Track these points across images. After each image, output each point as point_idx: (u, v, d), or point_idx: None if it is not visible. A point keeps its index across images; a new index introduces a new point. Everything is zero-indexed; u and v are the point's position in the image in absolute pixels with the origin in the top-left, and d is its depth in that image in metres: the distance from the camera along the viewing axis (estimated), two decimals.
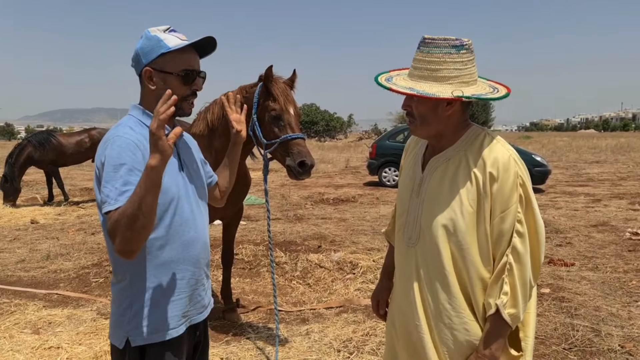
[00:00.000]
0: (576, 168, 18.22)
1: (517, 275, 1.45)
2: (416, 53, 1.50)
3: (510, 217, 1.46)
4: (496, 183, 1.45)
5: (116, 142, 1.52)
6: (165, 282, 1.64)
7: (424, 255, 1.58)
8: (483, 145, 1.51)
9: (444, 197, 1.53)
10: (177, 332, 1.66)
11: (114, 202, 1.43)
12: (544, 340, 3.64)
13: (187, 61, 1.64)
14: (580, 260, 5.73)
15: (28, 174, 11.28)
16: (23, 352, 3.32)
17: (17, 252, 6.37)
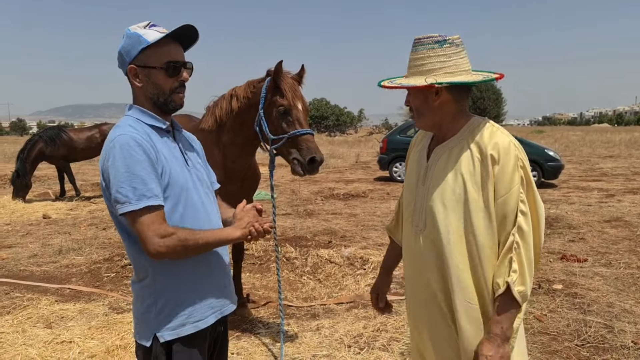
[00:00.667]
0: (589, 163, 17.97)
1: (523, 253, 1.51)
2: (410, 54, 1.64)
3: (514, 198, 1.52)
4: (497, 165, 1.52)
5: (122, 141, 1.52)
6: (187, 274, 1.64)
7: (432, 240, 1.63)
8: (483, 132, 1.58)
9: (448, 182, 1.59)
10: (205, 324, 1.66)
11: (136, 202, 1.48)
12: (556, 336, 3.60)
13: (168, 53, 1.62)
14: (594, 256, 5.65)
15: (40, 169, 11.41)
16: (35, 347, 3.35)
17: (29, 247, 6.45)
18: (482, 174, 1.54)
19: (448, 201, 1.58)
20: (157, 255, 1.52)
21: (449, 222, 1.58)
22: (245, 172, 3.61)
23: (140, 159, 1.51)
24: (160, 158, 1.58)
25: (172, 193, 1.60)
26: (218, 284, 1.73)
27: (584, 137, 36.51)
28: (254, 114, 3.15)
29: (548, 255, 5.75)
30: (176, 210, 1.61)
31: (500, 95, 65.25)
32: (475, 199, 1.54)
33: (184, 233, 1.54)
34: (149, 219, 1.50)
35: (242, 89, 3.31)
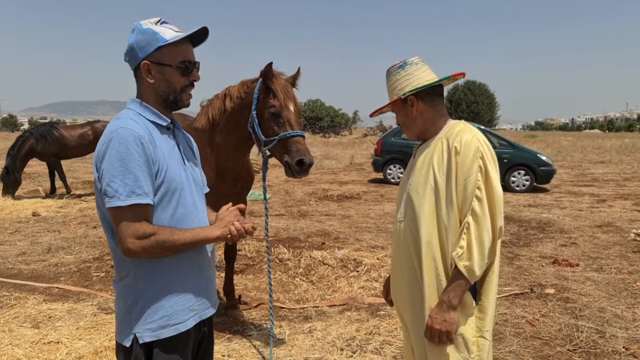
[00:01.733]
0: (581, 168, 18.12)
1: (473, 233, 1.71)
2: (386, 84, 1.98)
3: (471, 184, 1.73)
4: (459, 155, 1.75)
5: (121, 135, 1.50)
6: (170, 275, 1.62)
7: (410, 225, 1.87)
8: (454, 130, 1.85)
9: (422, 174, 1.85)
10: (185, 327, 1.64)
11: (124, 199, 1.47)
12: (548, 341, 3.60)
13: (184, 53, 1.64)
14: (585, 261, 5.68)
15: (30, 165, 11.28)
16: (22, 347, 3.29)
17: (18, 245, 6.36)
18: (448, 164, 1.77)
19: (422, 189, 1.83)
20: (130, 254, 1.52)
21: (422, 208, 1.81)
22: (239, 172, 3.58)
23: (136, 155, 1.49)
24: (158, 155, 1.57)
25: (166, 191, 1.59)
26: (200, 287, 1.71)
27: (576, 142, 36.82)
28: (247, 115, 3.12)
29: (540, 260, 5.77)
30: (167, 209, 1.60)
31: (493, 100, 65.69)
32: (442, 187, 1.78)
33: (162, 235, 1.53)
34: (132, 217, 1.49)
35: (235, 88, 3.28)
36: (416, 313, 1.87)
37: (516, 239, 6.85)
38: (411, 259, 1.87)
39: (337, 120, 55.10)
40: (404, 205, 1.92)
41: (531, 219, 8.22)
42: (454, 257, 1.73)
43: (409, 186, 1.90)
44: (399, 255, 1.96)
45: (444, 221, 1.78)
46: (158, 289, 1.60)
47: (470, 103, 63.36)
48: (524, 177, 11.73)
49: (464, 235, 1.73)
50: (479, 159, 1.75)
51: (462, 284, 1.74)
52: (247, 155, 3.59)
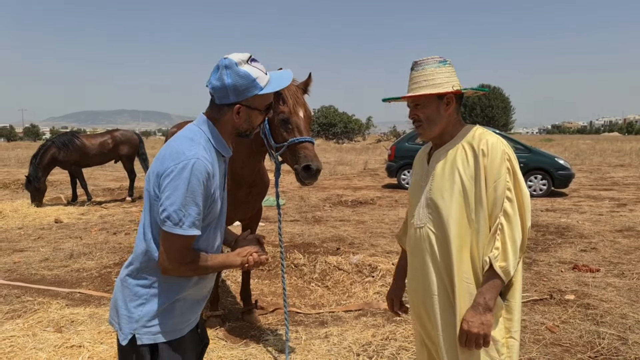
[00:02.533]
0: (600, 172, 17.79)
1: (507, 233, 1.73)
2: (411, 74, 1.91)
3: (501, 186, 1.75)
4: (486, 158, 1.77)
5: (197, 167, 1.56)
6: (182, 288, 1.70)
7: (435, 230, 1.85)
8: (475, 134, 1.86)
9: (447, 178, 1.83)
10: (182, 333, 1.73)
11: (186, 229, 1.57)
12: (569, 348, 3.55)
13: (270, 97, 1.75)
14: (606, 266, 5.58)
15: (52, 174, 11.53)
16: (46, 350, 3.37)
17: (41, 251, 6.50)
18: (475, 167, 1.78)
19: (448, 194, 1.82)
20: (167, 273, 1.64)
21: (450, 212, 1.80)
22: (254, 178, 3.62)
23: (202, 190, 1.58)
24: (214, 185, 1.66)
25: (210, 218, 1.70)
26: (203, 298, 1.83)
27: (594, 145, 36.19)
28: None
29: (560, 265, 5.69)
30: (205, 231, 1.70)
31: (508, 104, 64.95)
32: (470, 190, 1.79)
33: (200, 262, 1.65)
34: (184, 245, 1.60)
35: None
36: (445, 319, 1.85)
37: (534, 244, 6.77)
38: (433, 265, 1.85)
39: (351, 126, 55.11)
40: (423, 212, 1.90)
41: (549, 224, 8.12)
42: (490, 258, 1.73)
43: (430, 192, 1.88)
44: (418, 262, 1.93)
45: (474, 224, 1.79)
46: (167, 298, 1.68)
47: (484, 107, 62.78)
48: (540, 181, 11.58)
49: (498, 237, 1.74)
50: (507, 161, 1.77)
51: (498, 285, 1.75)
52: (261, 161, 3.63)
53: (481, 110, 62.64)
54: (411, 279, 2.00)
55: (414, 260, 1.96)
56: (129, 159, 11.41)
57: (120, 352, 1.71)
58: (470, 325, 1.74)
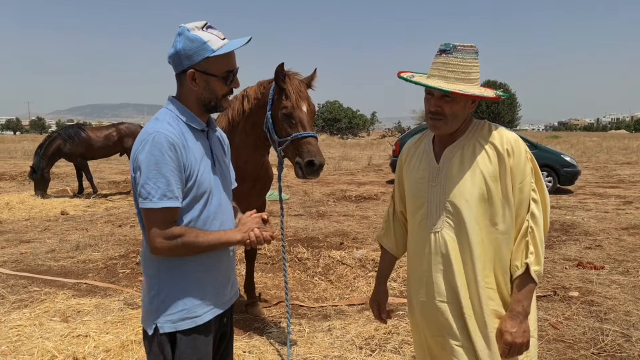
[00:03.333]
0: (606, 169, 17.68)
1: (537, 236, 1.67)
2: (446, 58, 1.68)
3: (527, 187, 1.68)
4: (512, 157, 1.67)
5: (157, 139, 1.56)
6: (190, 272, 1.68)
7: (454, 235, 1.72)
8: (491, 130, 1.74)
9: (467, 179, 1.70)
10: (202, 320, 1.70)
11: (156, 201, 1.55)
12: (572, 344, 3.55)
13: (229, 62, 1.68)
14: (611, 264, 5.56)
15: (58, 166, 11.61)
16: (52, 340, 3.41)
17: (47, 242, 6.57)
18: (500, 168, 1.67)
19: (471, 196, 1.69)
20: (157, 253, 1.61)
21: (474, 216, 1.68)
22: (258, 172, 3.63)
23: (168, 160, 1.55)
24: (190, 159, 1.62)
25: (195, 195, 1.65)
26: (220, 282, 1.77)
27: (601, 143, 35.94)
28: (263, 115, 3.13)
29: (564, 262, 5.68)
30: (193, 211, 1.66)
31: (514, 100, 64.60)
32: (496, 192, 1.67)
33: (189, 237, 1.60)
34: (162, 218, 1.57)
35: (253, 89, 3.32)
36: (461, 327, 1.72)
37: None
38: (447, 271, 1.72)
39: (355, 121, 55.05)
40: (440, 216, 1.75)
41: (554, 221, 8.09)
42: (528, 263, 1.65)
43: (449, 194, 1.72)
44: (426, 266, 1.78)
45: (500, 228, 1.69)
46: (179, 283, 1.67)
47: (490, 103, 62.41)
48: (546, 178, 11.53)
49: (530, 240, 1.67)
50: (530, 161, 1.70)
51: (533, 290, 1.68)
52: (265, 155, 3.64)
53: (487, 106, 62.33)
54: (415, 283, 1.85)
55: (421, 264, 1.81)
56: None
57: (146, 343, 1.73)
58: (514, 335, 1.66)
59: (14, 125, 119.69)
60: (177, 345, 1.67)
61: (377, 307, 2.08)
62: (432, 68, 1.71)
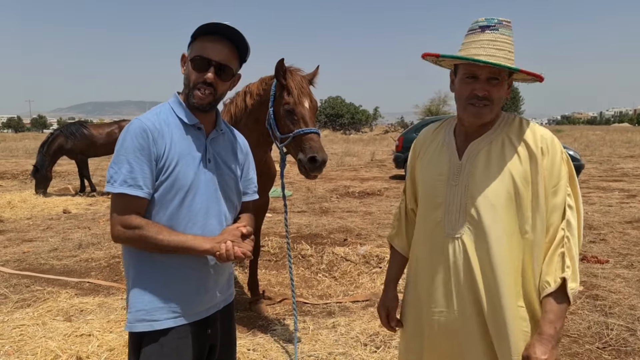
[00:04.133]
0: (610, 163, 17.61)
1: (573, 248, 1.46)
2: (492, 34, 1.48)
3: (562, 191, 1.49)
4: (547, 158, 1.48)
5: (131, 126, 1.55)
6: (156, 271, 1.60)
7: (477, 242, 1.53)
8: (522, 126, 1.54)
9: (495, 181, 1.51)
10: (161, 326, 1.59)
11: (117, 186, 1.52)
12: (577, 339, 3.53)
13: (203, 48, 1.59)
14: (615, 258, 5.54)
15: (60, 164, 11.62)
16: (55, 339, 3.40)
17: (50, 241, 6.56)
18: (532, 169, 1.49)
19: (497, 199, 1.50)
20: (116, 240, 1.58)
21: (500, 222, 1.49)
22: (260, 169, 3.61)
23: (138, 147, 1.52)
24: (169, 151, 1.56)
25: (169, 189, 1.57)
26: (191, 290, 1.63)
27: (604, 136, 35.80)
28: (265, 112, 3.11)
29: None
30: (167, 207, 1.58)
31: (517, 94, 64.35)
32: (526, 195, 1.48)
33: (147, 231, 1.52)
34: (121, 205, 1.53)
35: (255, 85, 3.30)
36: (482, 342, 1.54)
37: None
38: (470, 282, 1.53)
39: (358, 117, 54.95)
40: (460, 219, 1.56)
41: None
42: (567, 278, 1.43)
43: (472, 196, 1.54)
44: (442, 274, 1.59)
45: (529, 237, 1.49)
46: (143, 281, 1.60)
47: None
48: None
49: (566, 252, 1.46)
50: (565, 163, 1.51)
51: (566, 310, 1.46)
52: (268, 152, 3.62)
53: None
54: (428, 293, 1.65)
55: (435, 272, 1.61)
56: None
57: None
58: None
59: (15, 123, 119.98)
60: (142, 350, 1.59)
61: (385, 314, 1.87)
62: (474, 47, 1.48)
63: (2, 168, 15.83)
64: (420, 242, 1.71)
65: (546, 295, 1.46)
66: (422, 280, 1.67)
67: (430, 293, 1.64)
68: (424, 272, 1.66)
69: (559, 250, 1.47)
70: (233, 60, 1.64)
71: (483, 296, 1.52)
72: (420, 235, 1.71)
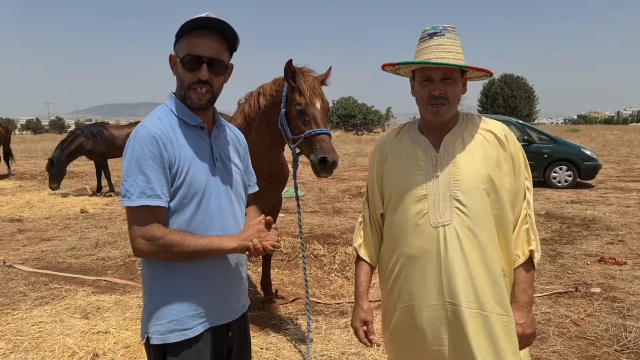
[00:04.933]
0: (628, 163, 17.28)
1: (534, 223, 1.68)
2: (438, 39, 1.62)
3: (522, 174, 1.69)
4: (510, 144, 1.67)
5: (139, 134, 1.50)
6: (180, 279, 1.56)
7: (466, 229, 1.61)
8: (483, 119, 1.74)
9: (474, 165, 1.64)
10: (193, 333, 1.57)
11: (135, 199, 1.46)
12: (594, 341, 3.48)
13: (192, 46, 1.53)
14: (634, 259, 5.44)
15: (78, 165, 11.79)
16: (73, 336, 3.46)
17: (67, 240, 6.68)
18: (503, 155, 1.66)
19: (481, 183, 1.63)
20: (138, 254, 1.52)
21: (485, 203, 1.63)
22: (273, 169, 3.62)
23: (150, 156, 1.47)
24: (179, 156, 1.53)
25: (185, 194, 1.54)
26: (214, 294, 1.62)
27: (622, 136, 35.13)
28: (278, 112, 3.12)
29: (585, 258, 5.56)
30: (185, 212, 1.55)
31: (532, 93, 63.49)
32: (501, 179, 1.64)
33: (171, 239, 1.48)
34: (141, 217, 1.48)
35: (268, 86, 3.31)
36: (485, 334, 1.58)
37: (559, 236, 6.63)
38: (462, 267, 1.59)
39: (370, 117, 54.77)
40: (447, 207, 1.62)
41: (575, 216, 7.93)
42: (534, 250, 1.64)
43: (457, 183, 1.62)
44: (433, 266, 1.62)
45: (508, 217, 1.65)
46: (169, 291, 1.56)
47: (507, 97, 61.48)
48: (566, 172, 11.31)
49: (530, 227, 1.67)
50: (520, 149, 1.71)
51: (533, 277, 1.68)
52: (280, 152, 3.63)
53: (504, 100, 61.39)
54: (417, 288, 1.66)
55: (426, 265, 1.63)
56: None
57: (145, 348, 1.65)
58: (524, 326, 1.60)
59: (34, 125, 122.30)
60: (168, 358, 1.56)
61: (364, 327, 1.81)
62: (425, 53, 1.62)
63: (21, 169, 16.14)
64: (404, 239, 1.70)
65: (517, 266, 1.66)
66: (413, 277, 1.68)
67: (420, 288, 1.65)
68: (415, 267, 1.67)
69: (524, 226, 1.67)
70: (224, 53, 1.59)
71: (479, 277, 1.59)
72: (403, 232, 1.71)
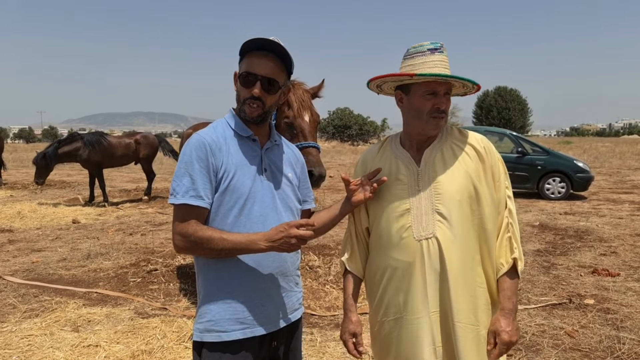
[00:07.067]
0: (620, 175, 17.44)
1: (516, 232, 1.70)
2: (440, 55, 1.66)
3: (503, 185, 1.72)
4: (489, 156, 1.71)
5: (191, 140, 1.64)
6: (223, 280, 1.63)
7: (448, 240, 1.65)
8: (462, 132, 1.78)
9: (454, 178, 1.68)
10: (229, 337, 1.60)
11: (179, 198, 1.58)
12: (588, 353, 3.47)
13: (249, 64, 1.65)
14: (626, 271, 5.46)
15: (70, 174, 11.72)
16: (63, 350, 3.41)
17: (58, 251, 6.60)
18: (482, 167, 1.70)
19: (461, 196, 1.66)
20: (177, 250, 1.63)
21: (466, 216, 1.66)
22: None
23: (197, 160, 1.59)
24: (226, 162, 1.63)
25: (229, 199, 1.62)
26: (253, 301, 1.64)
27: (614, 148, 35.52)
28: None
29: (579, 269, 5.58)
30: (228, 216, 1.62)
31: (525, 106, 64.17)
32: (482, 190, 1.67)
33: (200, 235, 1.56)
34: (182, 215, 1.59)
35: None
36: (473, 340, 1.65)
37: (552, 247, 6.65)
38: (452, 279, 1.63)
39: (366, 128, 55.03)
40: (430, 220, 1.66)
41: (568, 227, 7.97)
42: (517, 258, 1.66)
43: (439, 196, 1.67)
44: (429, 281, 1.66)
45: (489, 227, 1.67)
46: (212, 290, 1.64)
47: (501, 109, 62.09)
48: (559, 184, 11.39)
49: (512, 236, 1.69)
50: (500, 160, 1.75)
51: (517, 285, 1.70)
52: None
53: (498, 112, 62.00)
54: (403, 300, 1.70)
55: (411, 277, 1.68)
56: (148, 160, 11.73)
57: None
58: (510, 334, 1.63)
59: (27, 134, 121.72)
60: (201, 357, 1.62)
61: (352, 340, 1.82)
62: (429, 66, 1.64)
63: (12, 178, 16.01)
64: (390, 253, 1.73)
65: (501, 275, 1.69)
66: (399, 289, 1.71)
67: (406, 301, 1.69)
68: (401, 280, 1.71)
69: (507, 235, 1.70)
70: (279, 74, 1.69)
71: (455, 286, 1.64)
72: (388, 246, 1.74)
